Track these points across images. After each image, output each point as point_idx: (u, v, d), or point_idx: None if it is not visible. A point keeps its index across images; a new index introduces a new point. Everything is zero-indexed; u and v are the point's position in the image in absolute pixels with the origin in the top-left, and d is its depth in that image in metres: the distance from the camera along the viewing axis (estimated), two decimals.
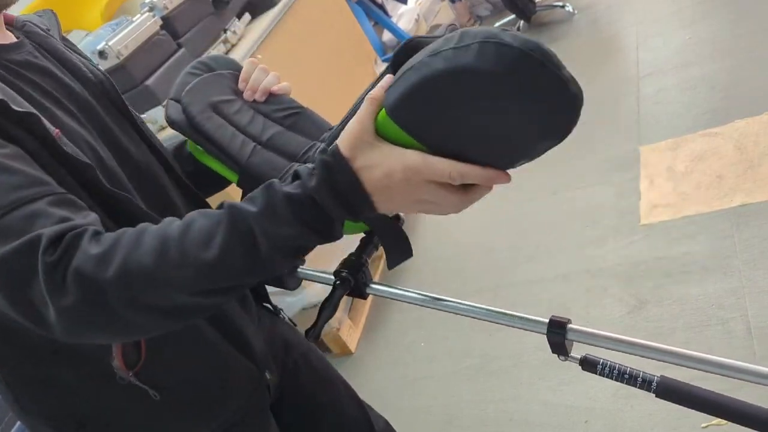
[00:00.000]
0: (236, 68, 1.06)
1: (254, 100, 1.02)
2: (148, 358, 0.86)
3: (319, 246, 0.71)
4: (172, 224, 0.68)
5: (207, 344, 0.93)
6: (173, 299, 0.66)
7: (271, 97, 1.03)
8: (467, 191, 0.69)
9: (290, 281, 1.00)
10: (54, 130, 0.75)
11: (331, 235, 0.69)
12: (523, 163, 0.69)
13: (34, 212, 0.66)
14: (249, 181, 0.94)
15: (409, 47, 0.71)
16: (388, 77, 0.68)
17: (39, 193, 0.67)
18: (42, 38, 0.92)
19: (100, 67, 1.01)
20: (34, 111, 0.74)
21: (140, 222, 0.70)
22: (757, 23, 2.89)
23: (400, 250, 0.88)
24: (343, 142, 0.67)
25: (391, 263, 0.89)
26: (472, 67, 0.58)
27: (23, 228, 0.64)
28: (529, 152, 0.67)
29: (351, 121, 0.68)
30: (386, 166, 0.66)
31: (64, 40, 1.00)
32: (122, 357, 0.84)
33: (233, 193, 1.04)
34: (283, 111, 1.03)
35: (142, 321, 0.67)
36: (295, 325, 1.21)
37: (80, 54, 1.01)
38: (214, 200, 0.98)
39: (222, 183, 1.10)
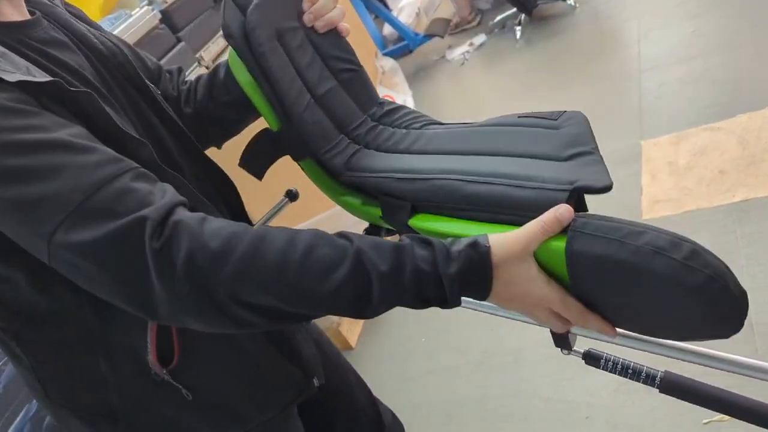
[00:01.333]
0: None
1: (313, 29, 0.95)
2: (182, 359, 0.85)
3: None
4: (295, 241, 0.67)
5: (246, 350, 0.92)
6: (279, 308, 0.67)
7: (333, 34, 0.97)
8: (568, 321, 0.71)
9: None
10: (104, 107, 0.74)
11: (426, 306, 0.70)
12: None
13: (121, 189, 0.65)
14: (292, 136, 0.89)
15: (588, 192, 0.71)
16: (567, 212, 0.66)
17: (120, 169, 0.67)
18: (49, 8, 0.88)
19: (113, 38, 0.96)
20: (89, 90, 0.72)
21: (190, 200, 0.71)
22: (760, 17, 2.88)
23: None
24: (497, 247, 0.67)
25: None
26: (687, 289, 0.60)
27: (114, 206, 0.64)
28: (663, 337, 0.71)
29: (515, 232, 0.68)
30: (526, 288, 0.67)
31: (68, 6, 0.95)
32: (156, 354, 0.84)
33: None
34: (341, 62, 0.97)
35: (247, 319, 0.68)
36: None
37: (88, 23, 0.96)
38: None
39: (238, 128, 1.07)
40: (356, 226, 0.92)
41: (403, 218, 0.81)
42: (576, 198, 0.70)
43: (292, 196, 1.16)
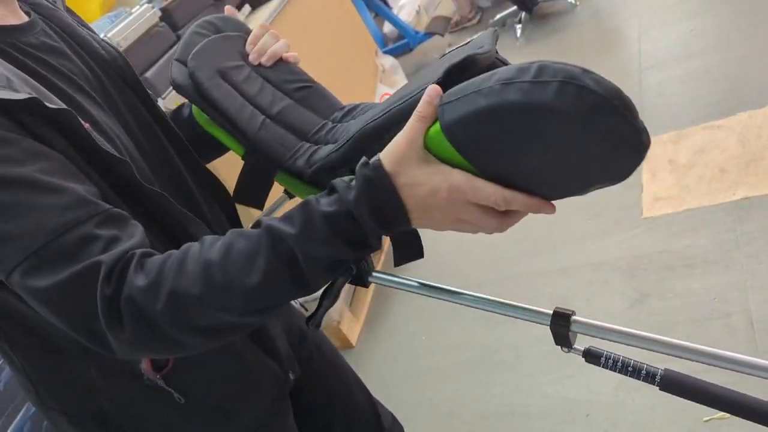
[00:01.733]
0: (245, 31, 1.02)
1: (261, 65, 0.98)
2: (176, 363, 0.86)
3: None
4: (212, 247, 0.67)
5: (235, 348, 0.93)
6: (223, 321, 0.67)
7: (281, 64, 1.00)
8: (507, 215, 0.68)
9: None
10: (84, 125, 0.72)
11: (367, 248, 0.68)
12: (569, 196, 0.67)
13: (84, 236, 0.65)
14: (256, 156, 0.92)
15: (465, 64, 0.69)
16: (434, 90, 0.65)
17: (86, 214, 0.66)
18: (50, 11, 0.87)
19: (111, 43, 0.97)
20: (68, 108, 0.70)
21: (173, 218, 0.72)
22: (760, 15, 2.87)
23: (410, 249, 0.87)
24: (387, 157, 0.66)
25: (399, 261, 0.88)
26: (548, 106, 0.55)
27: (75, 252, 0.64)
28: (582, 189, 0.66)
29: (398, 135, 0.66)
30: (431, 184, 0.64)
31: (69, 11, 0.94)
32: (150, 360, 0.84)
33: (230, 165, 1.02)
34: (293, 83, 1.00)
35: (196, 342, 0.68)
36: (306, 311, 1.21)
37: (88, 28, 0.96)
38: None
39: (220, 150, 1.08)
40: None
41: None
42: (453, 79, 0.67)
43: (290, 193, 1.16)
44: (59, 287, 0.63)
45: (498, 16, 4.45)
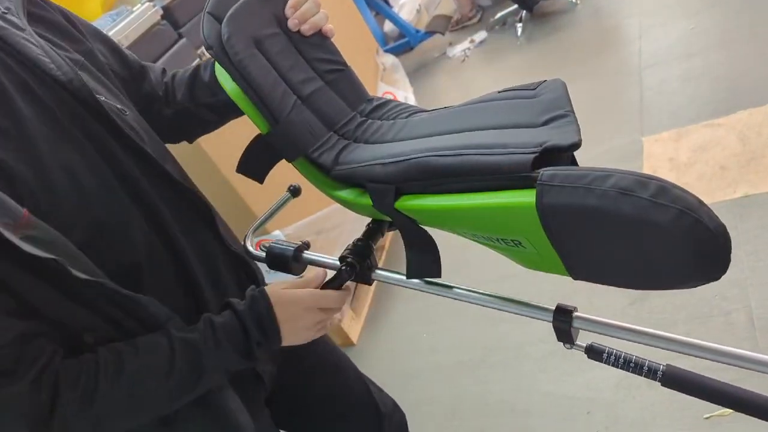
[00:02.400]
0: None
1: (299, 32, 0.95)
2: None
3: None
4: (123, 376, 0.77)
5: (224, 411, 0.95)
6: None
7: (317, 37, 0.98)
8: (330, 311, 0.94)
9: (295, 267, 1.00)
10: (21, 212, 0.67)
11: (252, 357, 0.87)
12: None
13: None
14: (280, 138, 0.90)
15: (559, 149, 0.70)
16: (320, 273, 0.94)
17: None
18: (1, 32, 0.78)
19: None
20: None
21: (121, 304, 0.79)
22: (759, 14, 2.88)
23: (426, 266, 0.88)
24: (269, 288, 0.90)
25: (411, 274, 0.89)
26: (662, 229, 0.58)
27: None
28: (643, 287, 0.70)
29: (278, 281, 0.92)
30: (290, 297, 0.90)
31: (34, 12, 0.87)
32: None
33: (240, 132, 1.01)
34: (327, 63, 0.98)
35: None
36: None
37: (59, 30, 0.89)
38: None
39: (218, 125, 1.09)
40: (357, 221, 0.92)
41: (390, 201, 0.82)
42: (545, 159, 0.69)
43: (294, 191, 1.16)
44: None
45: (498, 15, 4.45)
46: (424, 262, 0.88)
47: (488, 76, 4.02)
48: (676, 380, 0.75)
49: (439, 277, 0.88)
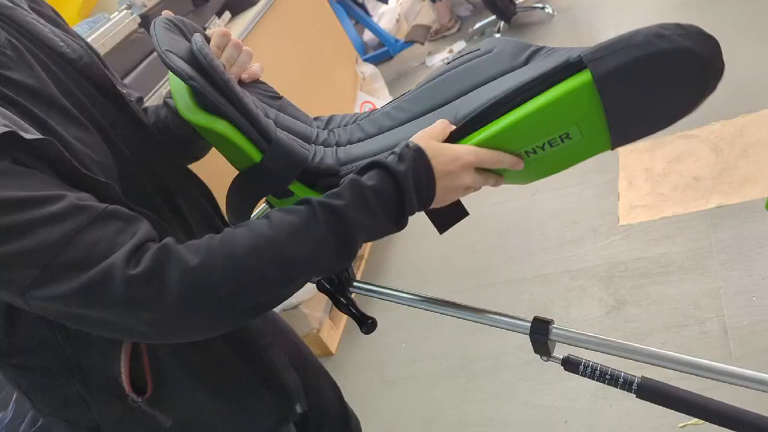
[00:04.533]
0: (202, 34, 0.94)
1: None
2: (156, 391, 0.85)
3: None
4: (262, 226, 0.70)
5: (224, 380, 0.92)
6: (274, 295, 0.71)
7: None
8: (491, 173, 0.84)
9: None
10: (64, 152, 0.69)
11: (402, 224, 0.77)
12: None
13: (90, 241, 0.63)
14: (279, 156, 0.84)
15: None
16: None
17: (87, 218, 0.64)
18: (6, 10, 0.80)
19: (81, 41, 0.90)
20: (46, 137, 0.67)
21: (161, 234, 0.71)
22: (731, 29, 2.94)
23: (450, 212, 0.89)
24: (419, 140, 0.79)
25: (442, 227, 0.91)
26: (691, 49, 0.71)
27: (86, 259, 0.63)
28: (669, 123, 0.78)
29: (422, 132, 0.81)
30: (450, 154, 0.79)
31: (34, 3, 0.88)
32: (130, 383, 0.84)
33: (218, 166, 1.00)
34: (267, 92, 0.99)
35: (241, 319, 0.74)
36: None
37: (54, 21, 0.90)
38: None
39: (205, 151, 1.08)
40: None
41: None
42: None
43: (271, 203, 1.16)
44: (79, 295, 0.62)
45: (477, 25, 4.49)
46: (449, 213, 0.90)
47: None
48: (650, 392, 0.76)
49: (468, 214, 0.91)
